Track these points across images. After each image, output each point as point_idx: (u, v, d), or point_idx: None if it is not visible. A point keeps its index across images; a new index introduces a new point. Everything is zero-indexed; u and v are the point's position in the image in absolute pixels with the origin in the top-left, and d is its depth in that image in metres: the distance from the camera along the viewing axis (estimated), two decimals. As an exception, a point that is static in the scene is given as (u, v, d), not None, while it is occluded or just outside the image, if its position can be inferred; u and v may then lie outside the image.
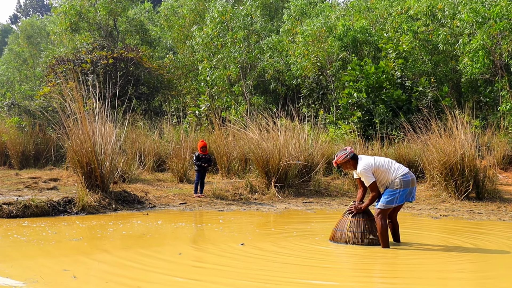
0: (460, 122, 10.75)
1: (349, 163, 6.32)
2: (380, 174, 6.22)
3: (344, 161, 6.31)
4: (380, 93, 17.25)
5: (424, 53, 18.53)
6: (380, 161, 6.26)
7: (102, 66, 19.94)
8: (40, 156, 17.97)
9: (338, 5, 25.37)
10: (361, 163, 6.23)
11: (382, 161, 6.28)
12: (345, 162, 6.32)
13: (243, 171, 13.79)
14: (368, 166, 6.17)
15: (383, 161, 6.29)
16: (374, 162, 6.22)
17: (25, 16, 57.42)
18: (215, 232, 7.46)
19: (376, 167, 6.19)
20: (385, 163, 6.27)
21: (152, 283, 4.69)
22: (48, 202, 8.75)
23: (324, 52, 19.07)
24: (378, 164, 6.22)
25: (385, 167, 6.21)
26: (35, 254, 5.75)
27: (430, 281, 4.91)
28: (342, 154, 6.31)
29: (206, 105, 20.25)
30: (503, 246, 6.56)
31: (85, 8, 23.73)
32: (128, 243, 6.51)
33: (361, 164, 6.22)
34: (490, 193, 11.16)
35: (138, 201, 9.96)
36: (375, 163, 6.21)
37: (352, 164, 6.32)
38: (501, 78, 16.06)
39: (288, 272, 5.17)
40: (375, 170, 6.20)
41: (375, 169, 6.20)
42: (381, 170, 6.20)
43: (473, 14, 15.29)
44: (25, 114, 18.51)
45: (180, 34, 26.23)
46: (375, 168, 6.19)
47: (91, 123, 9.41)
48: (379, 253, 6.03)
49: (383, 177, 6.23)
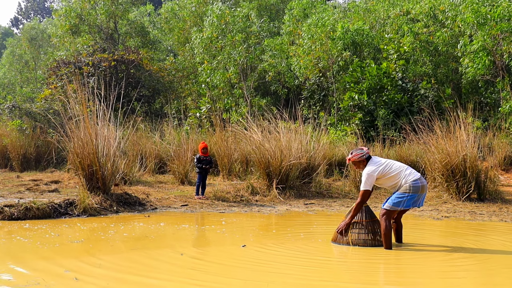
0: (462, 123, 10.74)
1: (363, 163, 6.37)
2: (389, 179, 6.23)
3: (359, 160, 6.36)
4: (381, 94, 17.25)
5: (424, 55, 18.54)
6: (392, 167, 6.26)
7: (103, 69, 19.96)
8: (41, 159, 17.97)
9: (337, 7, 25.34)
10: (369, 167, 6.26)
11: (394, 167, 6.26)
12: (359, 161, 6.38)
13: (244, 173, 13.79)
14: (372, 172, 6.19)
15: (395, 167, 6.28)
16: (384, 168, 6.22)
17: (26, 19, 57.50)
18: (217, 234, 7.45)
19: (384, 173, 6.20)
20: (397, 169, 6.25)
21: (153, 285, 4.68)
22: (49, 204, 8.75)
23: (325, 54, 19.08)
24: (388, 170, 6.22)
25: (395, 173, 6.21)
26: (37, 256, 5.74)
27: (433, 281, 4.91)
28: (359, 153, 6.37)
29: (207, 107, 20.26)
30: (505, 247, 6.55)
31: (85, 11, 23.77)
32: (129, 245, 6.51)
33: (368, 168, 6.26)
34: (491, 194, 11.15)
35: (140, 203, 9.95)
36: (384, 170, 6.22)
37: (364, 165, 6.37)
38: (502, 79, 16.05)
39: (290, 274, 5.16)
40: (383, 175, 6.21)
41: (383, 175, 6.21)
42: (391, 175, 6.21)
43: (474, 15, 15.29)
44: (26, 117, 18.50)
45: (180, 37, 26.26)
46: (382, 174, 6.20)
47: (93, 125, 9.41)
48: (382, 254, 6.02)
49: (391, 182, 6.24)
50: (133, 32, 25.39)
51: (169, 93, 22.65)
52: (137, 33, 25.44)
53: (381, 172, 6.20)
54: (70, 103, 9.63)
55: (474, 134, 11.06)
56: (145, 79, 21.29)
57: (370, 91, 17.32)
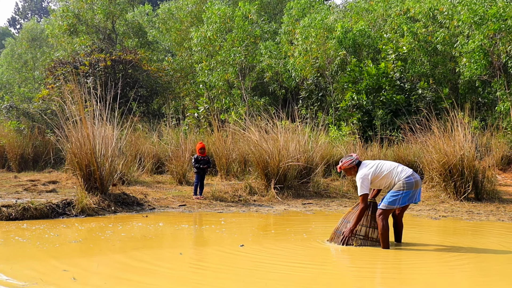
0: (460, 123, 10.76)
1: (354, 169, 6.40)
2: (382, 179, 6.24)
3: (349, 167, 6.39)
4: (379, 94, 17.27)
5: (422, 55, 18.57)
6: (382, 167, 6.27)
7: (101, 69, 19.94)
8: (39, 159, 17.93)
9: (337, 6, 25.36)
10: (361, 171, 6.28)
11: (385, 167, 6.28)
12: (350, 169, 6.41)
13: (242, 173, 13.78)
14: (366, 176, 6.20)
15: (386, 166, 6.30)
16: (375, 170, 6.24)
17: (24, 19, 57.40)
18: (215, 234, 7.44)
19: (377, 175, 6.22)
20: (388, 168, 6.27)
21: (151, 284, 4.68)
22: (47, 205, 8.73)
23: (323, 53, 19.09)
24: (379, 171, 6.23)
25: (387, 172, 6.22)
26: (35, 256, 5.73)
27: (431, 281, 4.92)
28: (348, 160, 6.40)
29: (205, 107, 20.26)
30: (502, 247, 6.56)
31: (83, 11, 23.74)
32: (127, 244, 6.50)
33: (360, 172, 6.27)
34: (489, 193, 11.18)
35: (138, 203, 9.94)
36: (375, 171, 6.23)
37: (356, 170, 6.38)
38: (499, 79, 16.09)
39: (288, 274, 5.16)
40: (376, 177, 6.23)
41: (376, 176, 6.22)
42: (383, 175, 6.23)
43: (471, 14, 15.31)
44: (23, 117, 18.47)
45: (178, 37, 26.25)
46: (375, 176, 6.22)
47: (91, 125, 9.40)
48: (380, 254, 6.03)
49: (385, 181, 6.25)
50: (131, 32, 25.37)
51: (167, 93, 22.64)
52: (135, 33, 25.42)
53: (373, 174, 6.22)
54: (67, 103, 9.62)
55: (472, 134, 11.08)
56: (143, 79, 21.28)
57: (368, 91, 17.34)
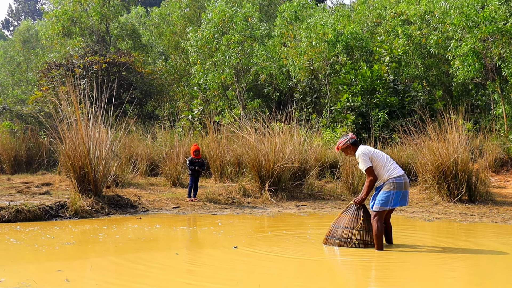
0: (454, 126, 10.81)
1: (350, 148, 6.50)
2: (376, 166, 6.30)
3: (345, 146, 6.50)
4: (373, 96, 17.32)
5: (416, 57, 18.64)
6: (378, 154, 6.37)
7: (95, 71, 19.88)
8: (32, 161, 17.85)
9: (326, 10, 25.36)
10: (360, 149, 6.39)
11: (381, 155, 6.38)
12: (346, 148, 6.51)
13: (236, 175, 13.77)
14: (366, 152, 6.31)
15: (382, 155, 6.40)
16: (373, 153, 6.34)
17: (17, 21, 57.17)
18: (209, 236, 7.44)
19: (373, 157, 6.30)
20: (383, 158, 6.36)
21: (145, 284, 4.67)
22: (40, 207, 8.70)
23: (318, 56, 19.11)
24: (376, 155, 6.33)
25: (381, 161, 6.30)
26: (28, 258, 5.71)
27: (424, 282, 4.93)
28: (343, 139, 6.52)
29: (199, 109, 20.24)
30: (495, 248, 6.59)
31: (77, 13, 23.67)
32: (121, 247, 6.48)
33: (359, 149, 6.38)
34: (482, 195, 11.23)
35: (131, 205, 9.92)
36: (373, 153, 6.34)
37: (352, 150, 6.49)
38: (493, 81, 16.18)
39: (282, 275, 5.17)
40: (372, 159, 6.30)
41: (372, 158, 6.30)
42: (376, 162, 6.30)
43: (463, 18, 15.37)
44: (17, 119, 18.38)
45: (171, 41, 26.20)
46: (371, 157, 6.30)
47: (85, 127, 9.37)
48: (374, 255, 6.04)
49: (376, 170, 6.30)
50: (125, 34, 25.33)
51: (161, 96, 22.60)
52: (129, 35, 25.38)
53: (371, 154, 6.32)
54: (61, 105, 9.59)
55: (466, 136, 11.14)
56: (137, 82, 21.24)
57: (362, 93, 17.39)
